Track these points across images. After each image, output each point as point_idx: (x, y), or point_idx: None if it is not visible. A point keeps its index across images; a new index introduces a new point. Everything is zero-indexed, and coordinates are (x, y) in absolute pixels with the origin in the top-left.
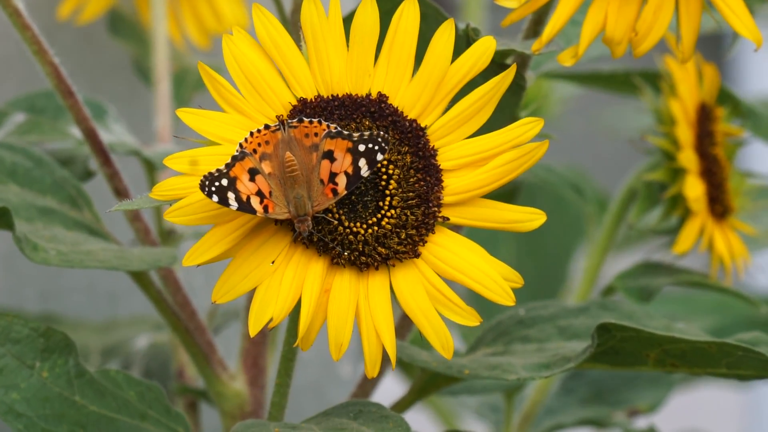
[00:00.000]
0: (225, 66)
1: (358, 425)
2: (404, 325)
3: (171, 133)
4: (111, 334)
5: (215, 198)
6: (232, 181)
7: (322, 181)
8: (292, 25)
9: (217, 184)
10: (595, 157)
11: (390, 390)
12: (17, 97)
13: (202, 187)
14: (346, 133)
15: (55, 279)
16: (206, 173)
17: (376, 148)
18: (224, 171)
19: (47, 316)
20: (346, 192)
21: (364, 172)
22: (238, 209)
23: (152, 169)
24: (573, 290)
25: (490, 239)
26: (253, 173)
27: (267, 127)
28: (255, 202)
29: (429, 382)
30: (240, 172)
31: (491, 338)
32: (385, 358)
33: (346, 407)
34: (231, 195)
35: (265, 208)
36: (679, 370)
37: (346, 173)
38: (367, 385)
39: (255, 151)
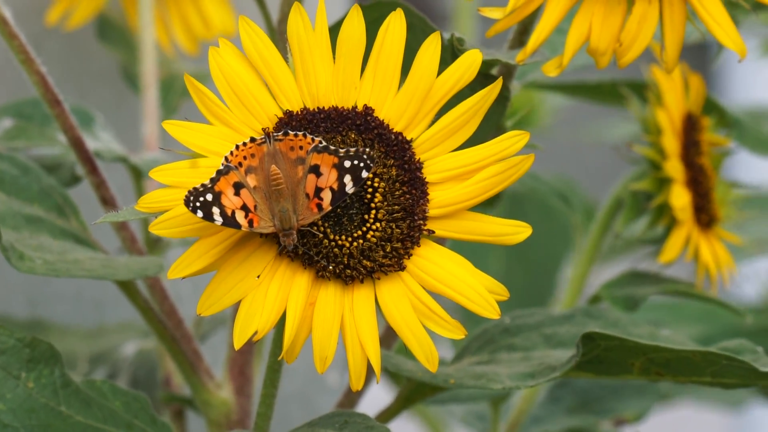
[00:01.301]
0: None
1: None
2: (390, 334)
3: (159, 140)
4: (99, 341)
5: (200, 213)
6: (217, 196)
7: (307, 195)
8: (279, 34)
9: (201, 199)
10: (582, 166)
11: (378, 397)
12: (5, 104)
13: (187, 202)
14: (332, 148)
15: (42, 286)
16: (191, 188)
17: (362, 165)
18: (209, 186)
19: (35, 322)
20: (330, 208)
21: (349, 188)
22: (222, 224)
23: (139, 177)
24: (560, 299)
25: (479, 248)
26: (237, 187)
27: (253, 140)
28: (240, 216)
29: (415, 391)
30: (225, 186)
31: (477, 347)
32: (371, 369)
33: (332, 418)
34: (216, 210)
35: (250, 222)
36: (664, 378)
37: (331, 189)
38: (353, 394)
39: (240, 164)
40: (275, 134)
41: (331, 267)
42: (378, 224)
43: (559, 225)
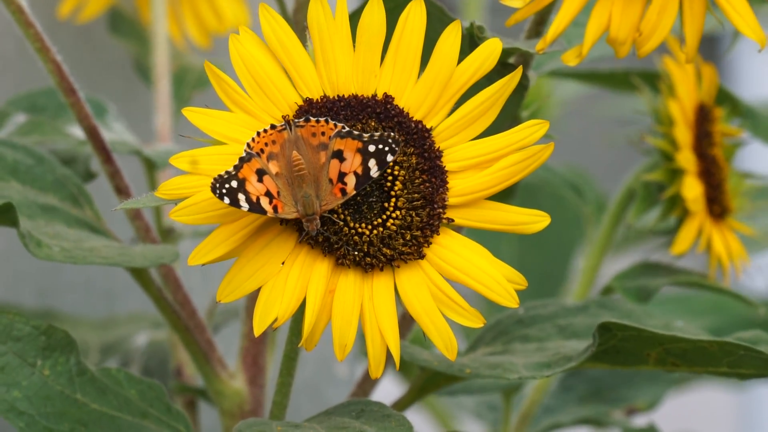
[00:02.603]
0: (227, 65)
1: (360, 424)
2: (405, 324)
3: (171, 132)
4: (110, 332)
5: (227, 200)
6: (242, 183)
7: (331, 180)
8: (294, 24)
9: (227, 186)
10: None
11: (387, 391)
12: (18, 95)
13: (214, 189)
14: (356, 133)
15: (52, 276)
16: (216, 176)
17: (386, 149)
18: (233, 173)
19: (46, 312)
20: (354, 192)
21: (374, 172)
22: (249, 210)
23: (152, 168)
24: (572, 290)
25: (491, 238)
26: (260, 174)
27: (273, 126)
28: (264, 202)
29: (429, 381)
30: (248, 173)
31: (491, 337)
32: (388, 357)
33: (348, 406)
34: (241, 196)
35: (275, 208)
36: (680, 369)
37: (355, 173)
38: (367, 384)
39: (262, 150)
40: (296, 120)
41: (351, 254)
42: (398, 212)
43: (571, 214)
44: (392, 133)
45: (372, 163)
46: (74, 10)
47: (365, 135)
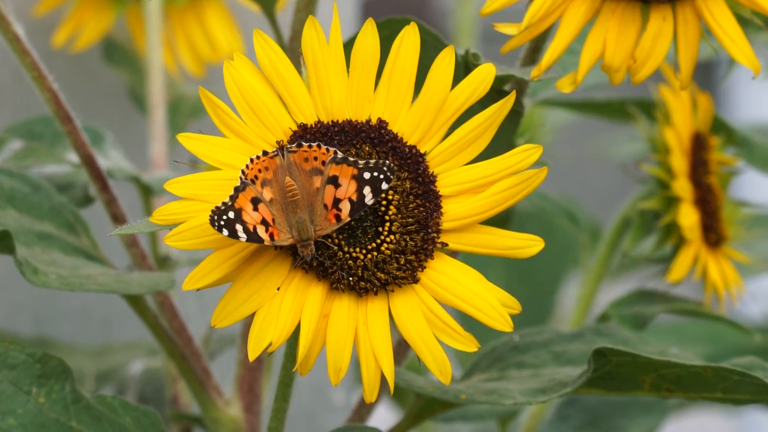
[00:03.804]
0: (221, 94)
1: None
2: (400, 351)
3: (166, 159)
4: (105, 360)
5: (225, 232)
6: (238, 213)
7: (325, 206)
8: (290, 51)
9: (224, 218)
10: (581, 185)
11: (383, 418)
12: (15, 123)
13: (212, 222)
14: (351, 159)
15: (49, 304)
16: (214, 208)
17: (381, 176)
18: (229, 204)
19: (42, 340)
20: (349, 219)
21: (369, 200)
22: (247, 240)
23: (148, 195)
24: (567, 317)
25: (479, 266)
26: (255, 202)
27: (266, 153)
28: (261, 230)
29: (425, 408)
30: (244, 202)
31: (486, 364)
32: (383, 383)
33: (346, 431)
34: (239, 227)
35: (271, 236)
36: (675, 395)
37: (350, 200)
38: (363, 411)
39: (256, 177)
40: (288, 146)
41: (345, 279)
42: (392, 237)
43: (559, 244)
44: (387, 161)
45: (367, 190)
46: (69, 40)
47: (360, 162)
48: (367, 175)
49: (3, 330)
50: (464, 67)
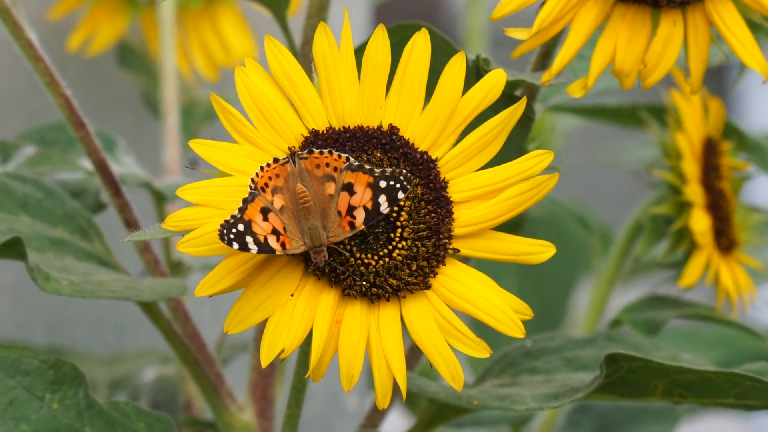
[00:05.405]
0: (235, 98)
1: None
2: (412, 356)
3: (180, 165)
4: (118, 367)
5: (236, 245)
6: (248, 225)
7: (339, 213)
8: (302, 57)
9: (234, 231)
10: (592, 190)
11: (395, 424)
12: (28, 129)
13: (222, 236)
14: (367, 167)
15: (62, 311)
16: (223, 222)
17: (398, 185)
18: (238, 216)
19: (54, 348)
20: (364, 227)
21: (384, 208)
22: (258, 252)
23: (161, 201)
24: (579, 323)
25: (491, 272)
26: (265, 212)
27: (276, 160)
28: (272, 240)
29: (437, 413)
30: (253, 213)
31: (499, 370)
32: (395, 388)
33: None
34: (249, 239)
35: (283, 245)
36: (687, 400)
37: (365, 208)
38: (376, 417)
39: (266, 185)
40: (299, 153)
41: (357, 285)
42: (404, 243)
43: (571, 250)
44: (404, 171)
45: (383, 198)
46: (83, 44)
47: (377, 170)
48: (383, 184)
49: (17, 337)
50: (475, 72)
